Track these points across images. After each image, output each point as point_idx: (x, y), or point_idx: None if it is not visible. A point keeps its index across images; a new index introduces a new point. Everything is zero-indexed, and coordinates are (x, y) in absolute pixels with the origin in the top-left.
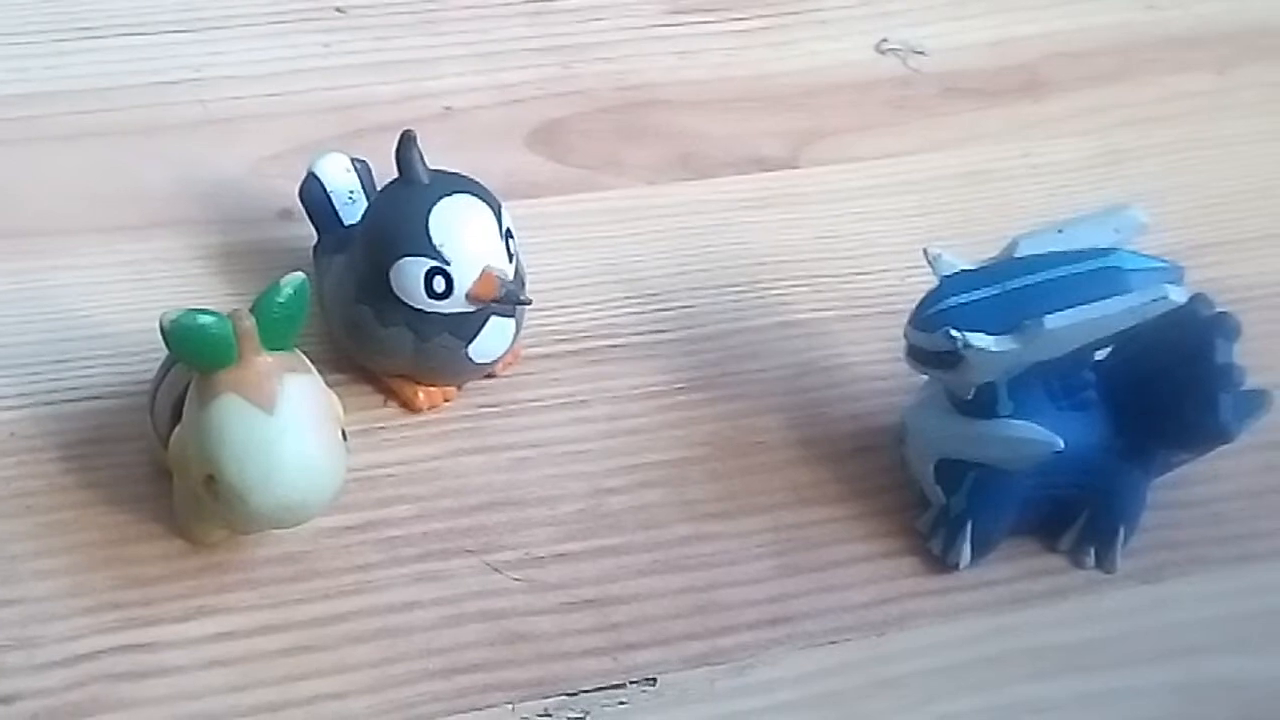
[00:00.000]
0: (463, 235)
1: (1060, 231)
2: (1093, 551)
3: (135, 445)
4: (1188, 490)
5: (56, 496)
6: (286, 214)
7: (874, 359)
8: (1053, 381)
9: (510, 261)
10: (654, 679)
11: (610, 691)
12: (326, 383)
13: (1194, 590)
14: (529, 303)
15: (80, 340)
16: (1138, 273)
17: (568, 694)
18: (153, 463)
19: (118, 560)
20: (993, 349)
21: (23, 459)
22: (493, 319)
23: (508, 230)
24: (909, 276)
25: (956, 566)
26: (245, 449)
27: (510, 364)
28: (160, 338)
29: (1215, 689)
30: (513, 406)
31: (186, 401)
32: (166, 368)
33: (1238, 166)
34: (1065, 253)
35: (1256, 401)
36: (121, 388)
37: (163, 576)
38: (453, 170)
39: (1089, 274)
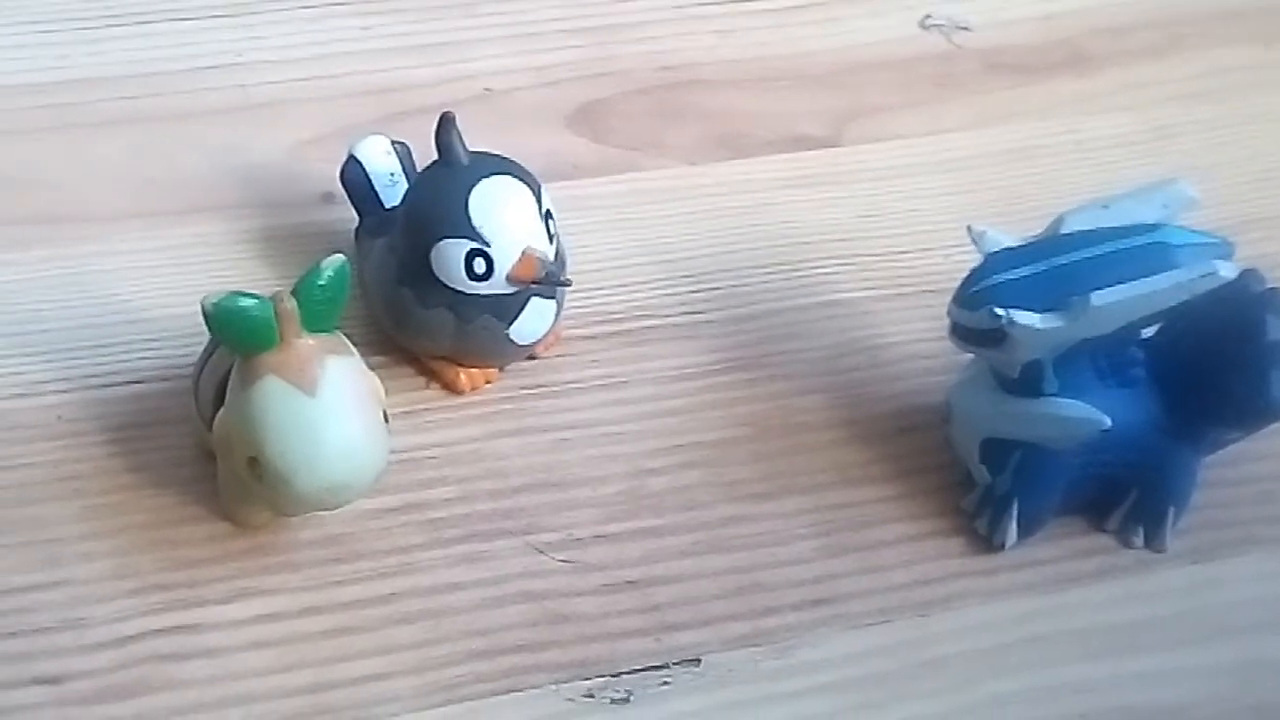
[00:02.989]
0: (503, 216)
1: (1106, 207)
2: (1142, 531)
3: (180, 429)
4: (1238, 468)
5: (103, 480)
6: (328, 197)
7: (917, 338)
8: (1100, 359)
9: (550, 243)
10: (697, 660)
11: (653, 672)
12: (368, 365)
13: (1245, 570)
14: (569, 284)
15: (123, 325)
16: (1186, 248)
17: (611, 675)
18: (197, 446)
19: (163, 542)
20: (1038, 326)
21: (69, 443)
22: (533, 300)
23: (548, 211)
24: (952, 255)
25: (1002, 546)
26: (288, 431)
27: (551, 345)
28: (202, 321)
29: (1267, 669)
30: (554, 388)
31: (229, 385)
32: (209, 351)
33: None
34: (1112, 229)
35: None
36: (165, 372)
37: (207, 559)
38: (492, 152)
39: (1136, 250)
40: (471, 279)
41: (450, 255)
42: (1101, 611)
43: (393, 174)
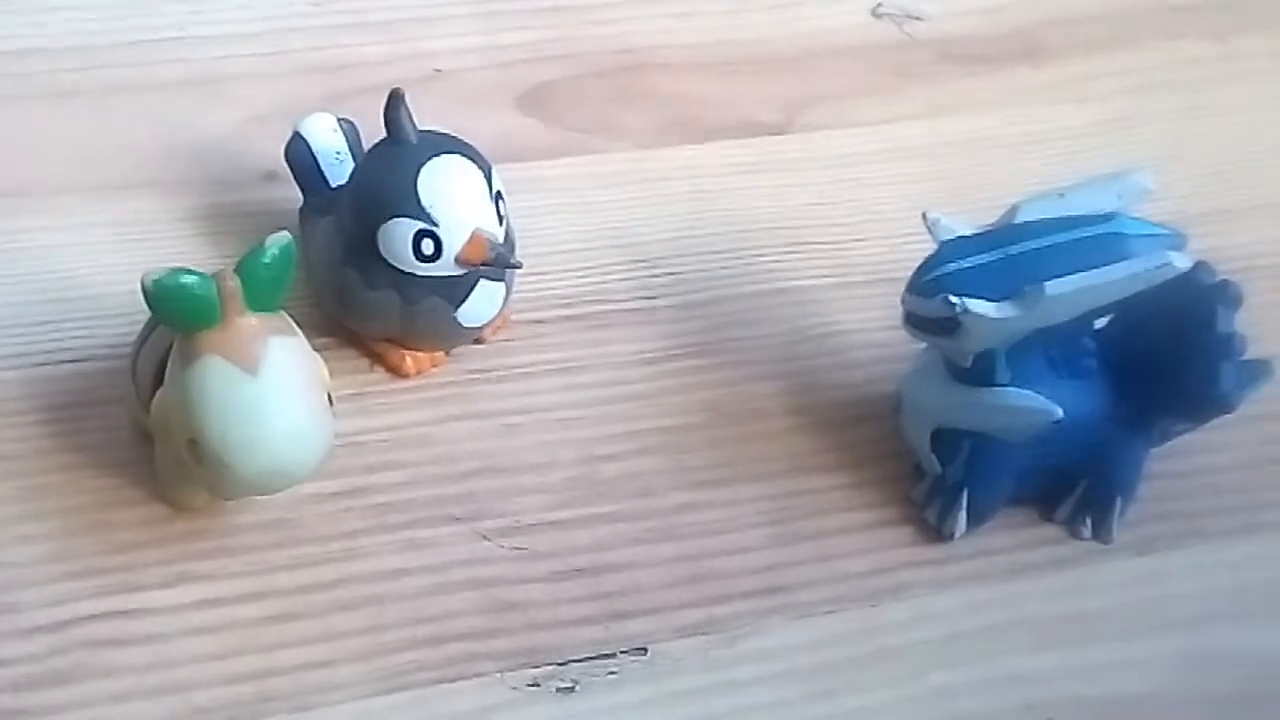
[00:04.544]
0: (452, 197)
1: (1061, 196)
2: (1090, 522)
3: (118, 409)
4: (1186, 460)
5: (38, 460)
6: (272, 175)
7: (870, 326)
8: (1052, 349)
9: (500, 224)
10: (645, 649)
11: (601, 661)
12: (313, 347)
13: (1191, 561)
14: (519, 266)
15: (61, 302)
16: (1140, 239)
17: (558, 663)
18: (135, 426)
19: (101, 525)
20: (992, 315)
21: (3, 422)
22: (482, 283)
23: (498, 192)
24: (906, 243)
25: (952, 536)
26: (228, 412)
27: (500, 329)
28: (142, 299)
29: (1213, 660)
30: (503, 372)
31: (169, 364)
32: (149, 329)
33: (1239, 134)
34: (1066, 218)
35: (1257, 371)
36: (104, 350)
37: (146, 542)
38: (442, 131)
39: (1090, 240)
40: (419, 260)
41: (397, 235)
42: (1050, 602)
43: (339, 152)
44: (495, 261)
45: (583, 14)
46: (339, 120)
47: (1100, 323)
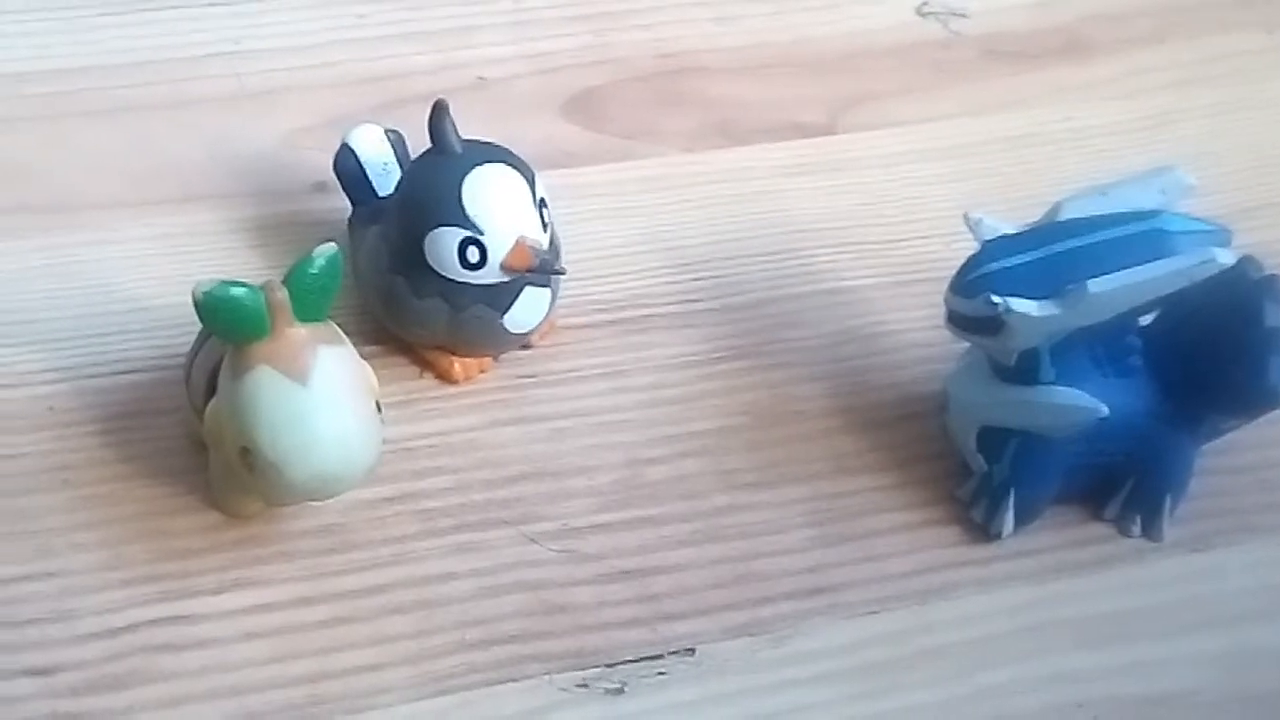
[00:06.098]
0: (496, 205)
1: (1104, 194)
2: (1139, 519)
3: (172, 418)
4: (1236, 456)
5: (94, 470)
6: (321, 186)
7: (914, 326)
8: (1097, 347)
9: (544, 231)
10: (693, 649)
11: (649, 662)
12: (361, 355)
13: (1242, 558)
14: (564, 272)
15: (116, 314)
16: (1184, 235)
17: (606, 665)
18: (189, 436)
19: (155, 533)
20: (1035, 314)
21: (60, 433)
22: (528, 289)
23: (541, 199)
24: (950, 242)
25: (999, 535)
26: (279, 421)
27: (546, 334)
28: (194, 310)
29: (1263, 658)
30: (549, 377)
31: (221, 374)
32: (202, 340)
33: None
34: (1109, 215)
35: None
36: (157, 361)
37: (199, 549)
38: (486, 140)
39: (1134, 237)
40: (465, 268)
41: (443, 244)
42: (1098, 600)
43: (386, 163)
44: (540, 268)
45: (624, 19)
46: (386, 131)
47: (1145, 319)
